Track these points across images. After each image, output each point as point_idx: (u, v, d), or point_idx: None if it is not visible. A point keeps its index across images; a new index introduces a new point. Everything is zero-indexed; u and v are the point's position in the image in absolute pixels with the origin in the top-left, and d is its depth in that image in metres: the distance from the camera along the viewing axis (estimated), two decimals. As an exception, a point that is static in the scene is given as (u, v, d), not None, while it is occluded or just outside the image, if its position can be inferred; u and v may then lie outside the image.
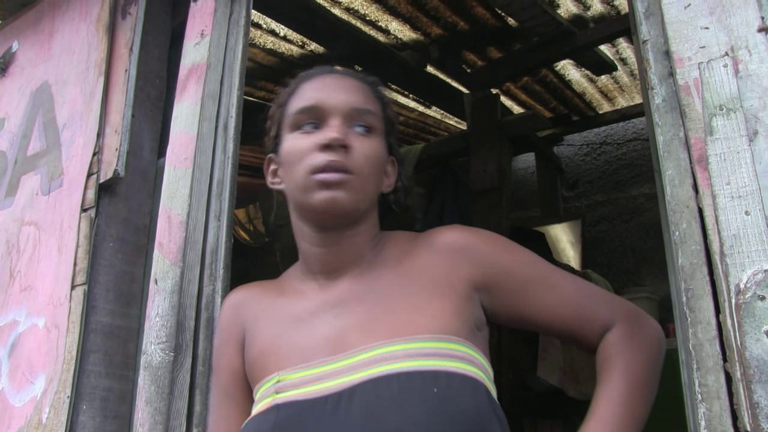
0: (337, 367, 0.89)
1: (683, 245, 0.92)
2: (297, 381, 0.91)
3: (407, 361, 0.85)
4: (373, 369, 0.86)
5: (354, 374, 0.87)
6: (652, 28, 1.07)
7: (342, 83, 1.04)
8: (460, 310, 0.93)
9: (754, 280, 0.82)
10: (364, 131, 0.99)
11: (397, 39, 3.07)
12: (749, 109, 0.91)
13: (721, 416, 0.82)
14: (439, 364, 0.85)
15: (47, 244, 1.72)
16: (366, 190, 0.98)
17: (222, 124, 1.49)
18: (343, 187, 0.94)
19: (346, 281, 1.00)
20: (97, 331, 1.53)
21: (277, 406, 0.89)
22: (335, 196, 0.94)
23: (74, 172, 1.73)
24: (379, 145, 1.01)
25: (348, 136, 0.97)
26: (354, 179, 0.95)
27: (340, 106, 0.99)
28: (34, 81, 2.06)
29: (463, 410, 0.82)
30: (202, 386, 1.29)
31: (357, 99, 1.01)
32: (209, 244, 1.40)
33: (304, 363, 0.92)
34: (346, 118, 0.99)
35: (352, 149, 0.96)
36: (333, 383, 0.87)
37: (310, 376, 0.90)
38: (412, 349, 0.87)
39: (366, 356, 0.88)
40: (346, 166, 0.95)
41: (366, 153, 0.97)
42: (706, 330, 0.87)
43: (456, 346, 0.88)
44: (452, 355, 0.87)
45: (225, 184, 1.44)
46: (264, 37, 2.95)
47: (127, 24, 1.81)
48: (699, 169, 0.93)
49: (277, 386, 0.91)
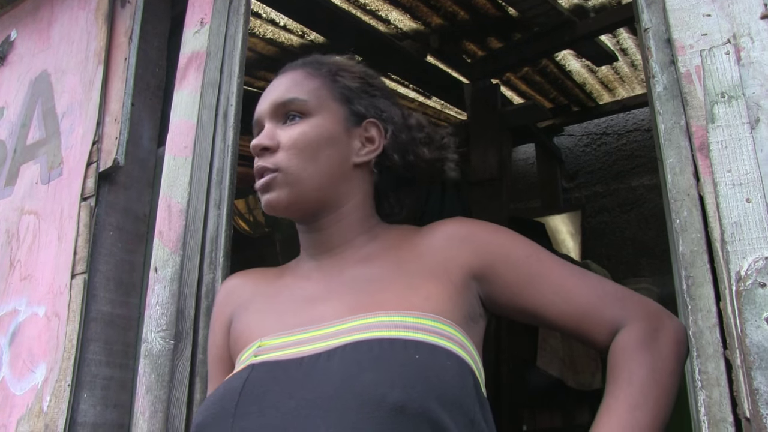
0: (319, 333, 0.87)
1: (684, 233, 0.92)
2: (276, 345, 0.89)
3: (391, 331, 0.83)
4: (355, 335, 0.83)
5: (335, 339, 0.85)
6: (653, 15, 1.07)
7: (275, 84, 1.04)
8: (454, 297, 0.90)
9: (754, 267, 0.82)
10: (296, 119, 0.98)
11: (397, 29, 3.06)
12: (751, 97, 0.91)
13: (720, 403, 0.82)
14: (425, 337, 0.82)
15: (47, 233, 1.72)
16: (302, 178, 0.95)
17: (222, 113, 1.49)
18: (272, 188, 0.95)
19: (338, 262, 0.99)
20: (98, 319, 1.54)
21: (252, 366, 0.87)
22: (269, 199, 0.96)
23: (74, 161, 1.72)
24: (315, 124, 0.97)
25: (275, 134, 0.97)
26: (280, 176, 0.95)
27: (266, 109, 1.00)
28: (33, 70, 2.05)
29: (444, 381, 0.79)
30: (203, 374, 1.29)
31: (280, 93, 1.00)
32: (209, 232, 1.40)
33: (288, 331, 0.91)
34: (274, 116, 0.99)
35: (279, 145, 0.96)
36: (312, 347, 0.85)
37: (289, 341, 0.89)
38: (398, 321, 0.84)
39: (348, 325, 0.86)
40: (267, 167, 0.96)
41: (292, 141, 0.96)
42: (706, 317, 0.87)
43: (446, 327, 0.85)
44: (440, 333, 0.84)
45: (225, 173, 1.44)
46: (264, 26, 2.94)
47: (127, 12, 1.80)
48: (700, 157, 0.93)
49: (257, 351, 0.90)
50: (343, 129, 0.99)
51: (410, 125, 1.04)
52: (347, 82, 1.03)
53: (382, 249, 0.99)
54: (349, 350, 0.81)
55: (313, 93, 1.00)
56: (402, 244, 0.99)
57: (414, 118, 1.06)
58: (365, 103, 1.03)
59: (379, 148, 1.01)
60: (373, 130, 1.02)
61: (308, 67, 1.04)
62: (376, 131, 1.02)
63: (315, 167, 0.96)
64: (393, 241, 1.00)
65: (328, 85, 1.01)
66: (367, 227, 1.02)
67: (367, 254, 0.99)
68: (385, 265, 0.96)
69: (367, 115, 1.02)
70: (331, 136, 0.98)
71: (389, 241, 1.00)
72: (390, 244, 1.00)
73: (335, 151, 0.98)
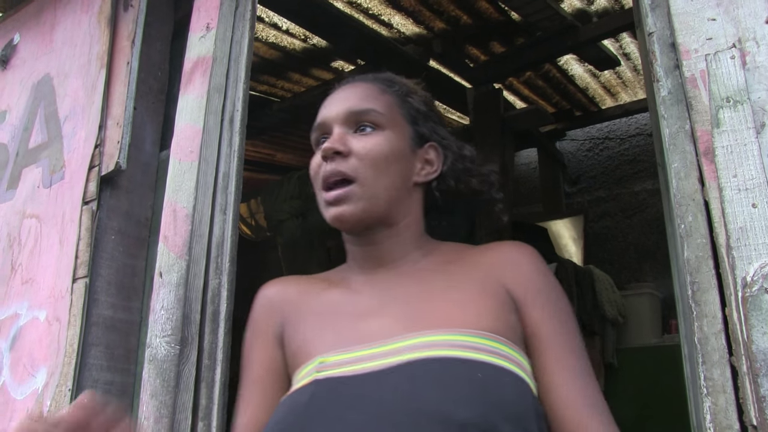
0: (379, 351, 0.88)
1: (689, 238, 0.91)
2: (338, 362, 0.90)
3: (452, 350, 0.84)
4: (415, 353, 0.84)
5: (396, 357, 0.85)
6: (658, 19, 1.06)
7: (345, 93, 1.05)
8: (505, 315, 0.91)
9: (761, 273, 0.81)
10: (369, 130, 0.99)
11: (400, 33, 3.06)
12: (756, 101, 0.90)
13: (726, 410, 0.81)
14: (482, 357, 0.84)
15: (49, 237, 1.71)
16: (375, 192, 0.97)
17: (228, 118, 1.49)
18: (346, 201, 0.95)
19: (393, 276, 1.00)
20: (99, 324, 1.53)
21: (317, 381, 0.88)
22: (341, 212, 0.96)
23: (76, 165, 1.72)
24: (388, 138, 0.99)
25: (347, 140, 0.98)
26: (356, 189, 0.95)
27: (339, 114, 1.01)
28: (36, 73, 2.05)
29: (505, 399, 0.80)
30: (208, 379, 1.29)
31: (355, 102, 1.02)
32: (215, 237, 1.40)
33: (349, 347, 0.91)
34: (346, 123, 1.00)
35: (352, 152, 0.97)
36: (374, 364, 0.86)
37: (351, 358, 0.89)
38: (456, 340, 0.85)
39: (409, 342, 0.87)
40: (342, 171, 0.96)
41: (367, 150, 0.97)
42: (711, 323, 0.86)
43: (500, 345, 0.86)
44: (496, 353, 0.85)
45: (231, 178, 1.44)
46: (266, 30, 2.94)
47: (129, 16, 1.80)
48: (705, 162, 0.92)
49: (318, 367, 0.90)
50: (409, 147, 1.02)
51: (465, 155, 1.08)
52: (416, 104, 1.06)
53: (435, 265, 1.00)
54: (410, 368, 0.83)
55: (388, 108, 1.02)
56: (455, 260, 1.00)
57: (468, 149, 1.09)
58: (429, 127, 1.06)
59: (437, 171, 1.04)
60: (432, 153, 1.05)
61: (381, 83, 1.07)
62: (435, 155, 1.05)
63: (386, 180, 0.98)
64: (446, 257, 1.01)
65: (399, 104, 1.04)
66: (419, 244, 1.03)
67: (419, 270, 1.00)
68: (438, 282, 0.97)
69: (429, 138, 1.05)
70: (401, 152, 1.00)
71: (442, 256, 1.02)
72: (443, 260, 1.01)
73: (402, 167, 1.00)
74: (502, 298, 0.93)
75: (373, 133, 0.99)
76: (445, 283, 0.96)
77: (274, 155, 4.20)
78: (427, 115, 1.07)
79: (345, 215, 0.96)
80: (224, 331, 1.33)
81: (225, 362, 1.32)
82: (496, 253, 0.99)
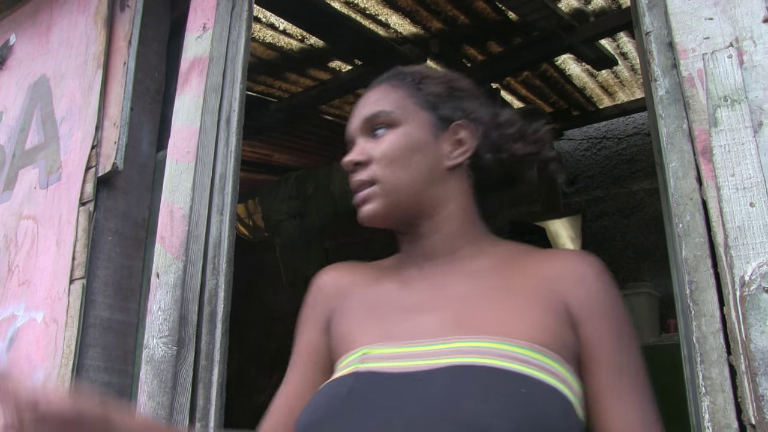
0: (423, 350, 0.86)
1: (687, 237, 0.91)
2: (381, 355, 0.88)
3: (498, 360, 0.80)
4: (459, 358, 0.82)
5: (440, 359, 0.83)
6: (655, 19, 1.06)
7: (362, 101, 1.05)
8: (560, 330, 0.87)
9: (759, 272, 0.81)
10: (382, 132, 0.99)
11: (397, 33, 3.05)
12: (754, 101, 0.90)
13: (725, 409, 0.81)
14: (530, 371, 0.80)
15: (45, 239, 1.71)
16: (396, 187, 0.96)
17: (225, 118, 1.49)
18: (369, 201, 0.97)
19: (445, 273, 0.98)
20: (96, 325, 1.53)
21: (357, 373, 0.87)
22: (367, 211, 0.97)
23: (72, 166, 1.72)
24: (403, 133, 0.98)
25: (365, 148, 0.99)
26: (376, 188, 0.96)
27: (356, 126, 1.02)
28: (32, 74, 2.04)
29: (547, 419, 0.76)
30: (205, 380, 1.29)
31: (367, 109, 1.02)
32: (212, 238, 1.40)
33: (393, 341, 0.90)
34: (364, 133, 1.01)
35: (371, 158, 0.98)
36: (416, 363, 0.84)
37: (394, 353, 0.88)
38: (504, 350, 0.82)
39: (454, 345, 0.85)
40: (363, 180, 0.97)
41: (382, 153, 0.97)
42: (710, 323, 0.86)
43: (550, 361, 0.82)
44: (545, 368, 0.81)
45: (228, 178, 1.44)
46: (263, 30, 2.94)
47: (126, 17, 1.79)
48: (703, 161, 0.92)
49: (362, 358, 0.89)
50: (431, 134, 1.00)
51: (500, 123, 1.03)
52: (431, 88, 1.03)
53: (491, 266, 0.97)
54: (452, 373, 0.80)
55: (398, 103, 1.01)
56: (512, 263, 0.97)
57: (505, 115, 1.04)
58: (452, 107, 1.02)
59: (469, 150, 1.00)
60: (462, 132, 1.01)
61: (392, 80, 1.05)
62: (465, 133, 1.01)
63: (408, 174, 0.97)
64: (502, 259, 0.98)
65: (412, 94, 1.02)
66: (471, 237, 1.00)
67: (474, 270, 0.97)
68: (493, 285, 0.94)
69: (454, 118, 1.01)
70: (420, 143, 0.99)
71: (498, 257, 0.98)
72: (499, 262, 0.98)
73: (425, 157, 0.98)
74: (560, 314, 0.88)
75: (387, 133, 0.99)
76: (499, 288, 0.93)
77: (272, 156, 4.19)
78: (448, 95, 1.04)
79: (369, 213, 0.97)
80: (221, 331, 1.33)
81: (222, 363, 1.32)
82: (560, 264, 0.93)
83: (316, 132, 3.83)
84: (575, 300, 0.89)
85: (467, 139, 1.00)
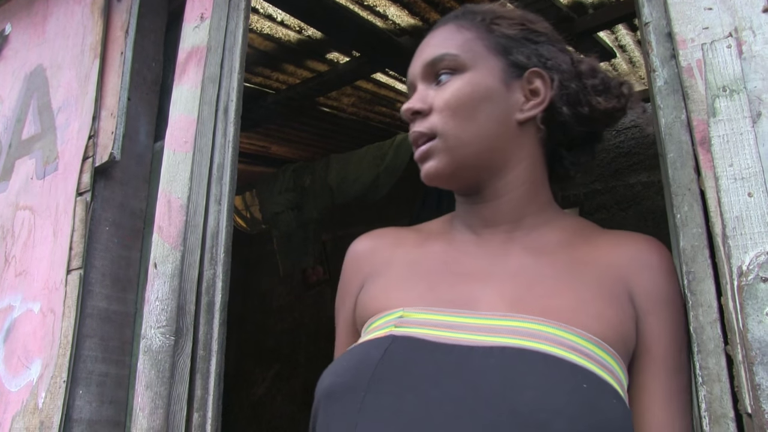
0: (475, 322, 0.77)
1: (685, 228, 0.91)
2: (422, 321, 0.79)
3: (559, 349, 0.73)
4: (518, 339, 0.74)
5: (492, 336, 0.75)
6: (654, 9, 1.06)
7: (425, 42, 0.95)
8: (622, 324, 0.81)
9: (756, 262, 0.81)
10: (446, 78, 0.89)
11: (395, 24, 3.04)
12: (753, 91, 0.90)
13: (722, 399, 0.82)
14: (592, 367, 0.73)
15: (42, 229, 1.71)
16: (462, 141, 0.85)
17: (222, 108, 1.48)
18: (431, 156, 0.87)
19: (505, 242, 0.88)
20: (93, 315, 1.53)
21: (394, 337, 0.77)
22: (428, 169, 0.87)
23: (69, 156, 1.71)
24: (470, 80, 0.87)
25: (426, 96, 0.89)
26: (438, 142, 0.86)
27: (417, 70, 0.93)
28: (29, 64, 2.03)
29: (610, 421, 0.69)
30: (203, 370, 1.29)
31: (429, 51, 0.92)
32: (210, 228, 1.39)
33: (438, 308, 0.80)
34: (426, 78, 0.91)
35: (432, 107, 0.88)
36: (465, 336, 0.75)
37: (439, 321, 0.78)
38: (567, 339, 0.75)
39: (511, 324, 0.76)
40: (422, 131, 0.87)
41: (445, 102, 0.87)
42: (707, 313, 0.86)
43: (610, 359, 0.77)
44: (605, 366, 0.75)
45: (225, 168, 1.43)
46: (261, 21, 2.93)
47: (123, 6, 1.79)
48: (701, 151, 0.92)
49: (399, 321, 0.79)
50: (501, 83, 0.89)
51: (581, 72, 0.92)
52: (504, 30, 0.92)
53: (557, 242, 0.89)
54: (510, 356, 0.72)
55: (465, 46, 0.90)
56: (578, 241, 0.89)
57: (586, 64, 0.94)
58: (527, 52, 0.91)
59: (545, 101, 0.90)
60: (537, 81, 0.90)
61: (460, 20, 0.94)
62: (540, 82, 0.90)
63: (474, 127, 0.86)
64: (568, 235, 0.90)
65: (482, 36, 0.91)
66: (537, 205, 0.91)
67: (538, 244, 0.88)
68: (557, 264, 0.86)
69: (529, 65, 0.90)
70: (489, 92, 0.87)
71: (564, 233, 0.90)
72: (565, 239, 0.89)
73: (495, 108, 0.87)
74: (624, 305, 0.82)
75: (451, 79, 0.88)
76: (562, 269, 0.85)
77: (269, 148, 4.18)
78: (524, 38, 0.92)
79: (431, 171, 0.87)
80: (219, 322, 1.33)
81: (220, 353, 1.32)
82: (627, 248, 0.87)
83: (313, 124, 3.82)
84: (640, 289, 0.84)
85: (543, 90, 0.90)
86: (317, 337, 4.64)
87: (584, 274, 0.85)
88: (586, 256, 0.87)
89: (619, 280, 0.84)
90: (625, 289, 0.84)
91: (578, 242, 0.89)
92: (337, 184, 3.82)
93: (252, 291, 5.21)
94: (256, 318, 5.13)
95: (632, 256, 0.87)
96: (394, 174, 3.59)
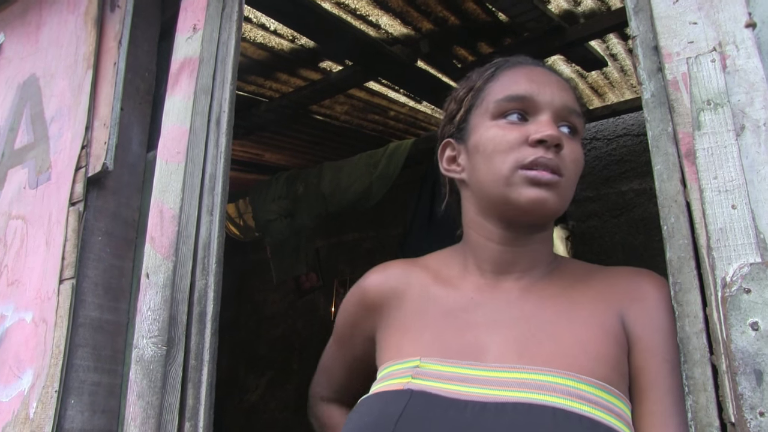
0: (487, 376, 0.81)
1: (671, 239, 0.93)
2: (437, 373, 0.83)
3: (567, 400, 0.77)
4: (528, 393, 0.77)
5: (505, 390, 0.78)
6: (641, 23, 1.07)
7: (551, 78, 0.99)
8: (619, 360, 0.86)
9: (740, 273, 0.83)
10: (570, 133, 0.95)
11: (387, 33, 3.06)
12: (736, 104, 0.92)
13: (707, 408, 0.83)
14: (599, 415, 0.77)
15: (35, 238, 1.71)
16: (568, 197, 0.94)
17: (214, 119, 1.49)
18: (553, 189, 0.91)
19: (513, 289, 0.93)
20: (86, 325, 1.53)
21: (411, 391, 0.80)
22: (545, 197, 0.90)
23: (62, 166, 1.72)
24: (582, 150, 0.97)
25: (561, 137, 0.94)
26: (563, 182, 0.92)
27: (554, 102, 0.96)
28: (22, 74, 2.04)
29: None
30: (195, 380, 1.29)
31: (567, 97, 0.97)
32: (201, 238, 1.40)
33: (450, 359, 0.84)
34: (557, 116, 0.95)
35: (563, 150, 0.93)
36: (477, 391, 0.79)
37: (452, 374, 0.82)
38: (573, 388, 0.78)
39: (522, 376, 0.80)
40: (559, 167, 0.91)
41: (574, 157, 0.94)
42: (693, 323, 0.87)
43: (615, 400, 0.81)
44: (611, 410, 0.79)
45: (217, 179, 1.44)
46: (254, 31, 2.94)
47: (116, 17, 1.79)
48: (687, 164, 0.93)
49: (415, 371, 0.83)
50: None
51: None
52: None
53: (560, 286, 0.94)
54: (521, 413, 0.75)
55: (582, 116, 1.01)
56: (579, 284, 0.94)
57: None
58: None
59: None
60: None
61: (572, 86, 1.04)
62: None
63: (572, 191, 0.96)
64: (570, 279, 0.95)
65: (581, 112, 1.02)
66: (548, 255, 0.99)
67: (543, 290, 0.93)
68: (558, 307, 0.90)
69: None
70: None
71: (565, 278, 0.96)
72: (568, 283, 0.94)
73: None
74: (620, 339, 0.86)
75: (576, 138, 0.96)
76: (567, 312, 0.89)
77: (263, 155, 4.19)
78: None
79: (548, 202, 0.91)
80: (211, 331, 1.33)
81: (212, 363, 1.32)
82: (621, 282, 0.92)
83: (307, 132, 3.83)
84: (633, 319, 0.88)
85: None
86: (311, 344, 4.64)
87: (586, 315, 0.89)
88: (582, 297, 0.92)
89: (614, 313, 0.89)
90: (619, 320, 0.88)
91: (580, 284, 0.94)
92: (330, 191, 3.82)
93: (245, 298, 5.20)
94: (249, 325, 5.13)
95: (626, 289, 0.91)
96: (386, 182, 3.60)
